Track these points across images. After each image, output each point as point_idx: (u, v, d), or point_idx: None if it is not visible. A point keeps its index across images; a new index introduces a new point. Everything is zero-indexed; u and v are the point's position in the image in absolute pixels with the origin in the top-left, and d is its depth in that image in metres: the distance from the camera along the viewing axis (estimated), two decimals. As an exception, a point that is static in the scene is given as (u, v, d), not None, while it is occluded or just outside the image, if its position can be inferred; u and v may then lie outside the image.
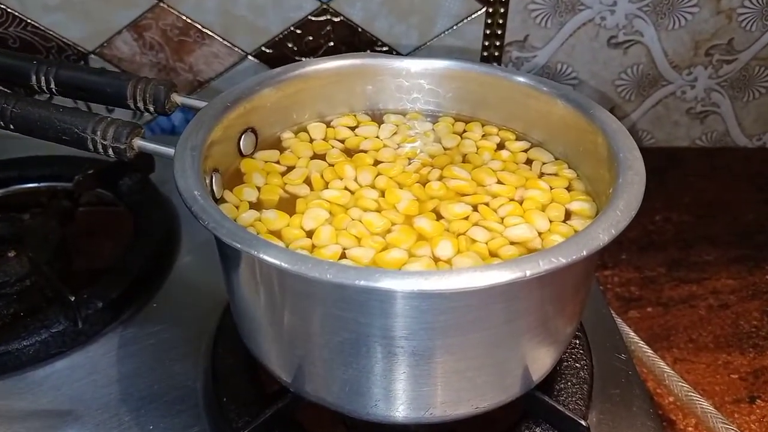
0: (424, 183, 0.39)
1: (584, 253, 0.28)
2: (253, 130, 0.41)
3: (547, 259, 0.27)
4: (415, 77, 0.44)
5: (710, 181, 0.69)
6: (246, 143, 0.40)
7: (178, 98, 0.39)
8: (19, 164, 0.56)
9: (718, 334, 0.53)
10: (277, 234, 0.35)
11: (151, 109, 0.38)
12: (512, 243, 0.35)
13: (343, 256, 0.34)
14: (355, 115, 0.45)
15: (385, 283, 0.28)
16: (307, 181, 0.39)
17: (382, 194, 0.38)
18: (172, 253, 0.50)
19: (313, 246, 0.35)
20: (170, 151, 0.34)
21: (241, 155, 0.40)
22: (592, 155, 0.38)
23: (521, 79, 0.41)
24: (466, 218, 0.36)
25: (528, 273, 0.27)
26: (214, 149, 0.37)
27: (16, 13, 0.63)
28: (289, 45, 0.66)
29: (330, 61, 0.42)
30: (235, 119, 0.39)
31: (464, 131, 0.44)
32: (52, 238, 0.48)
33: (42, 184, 0.55)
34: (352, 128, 0.44)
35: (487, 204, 0.37)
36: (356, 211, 0.37)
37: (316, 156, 0.41)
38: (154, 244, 0.49)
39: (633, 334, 0.49)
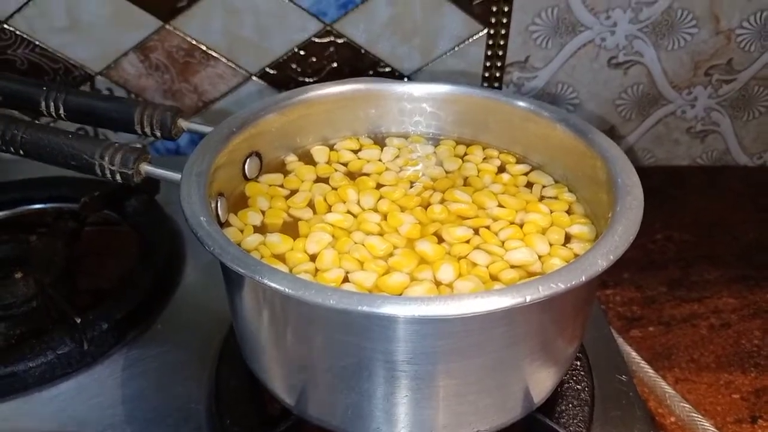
0: (425, 206, 0.40)
1: (583, 278, 0.28)
2: (258, 154, 0.41)
3: (547, 284, 0.28)
4: (418, 101, 0.45)
5: (711, 200, 0.69)
6: (251, 167, 0.41)
7: (184, 123, 0.40)
8: (26, 186, 0.57)
9: (719, 354, 0.53)
10: (281, 258, 0.36)
11: (158, 134, 0.39)
12: (513, 267, 0.35)
13: (345, 279, 0.34)
14: (358, 139, 0.46)
15: (387, 309, 0.28)
16: (311, 205, 0.40)
17: (385, 217, 0.39)
18: (176, 274, 0.50)
19: (317, 270, 0.35)
20: (176, 176, 0.35)
21: (246, 179, 0.41)
22: (592, 179, 0.38)
23: (521, 103, 0.42)
24: (467, 242, 0.37)
25: (528, 299, 0.27)
26: (220, 173, 0.37)
27: (25, 36, 0.64)
28: (293, 66, 0.67)
29: (333, 86, 0.43)
30: (240, 144, 0.39)
31: (465, 154, 0.45)
32: (58, 259, 0.49)
33: (48, 205, 0.56)
34: (355, 151, 0.45)
35: (488, 227, 0.38)
36: (359, 234, 0.37)
37: (319, 179, 0.42)
38: (159, 264, 0.50)
39: (635, 354, 0.49)
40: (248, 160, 0.41)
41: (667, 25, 0.65)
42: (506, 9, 0.65)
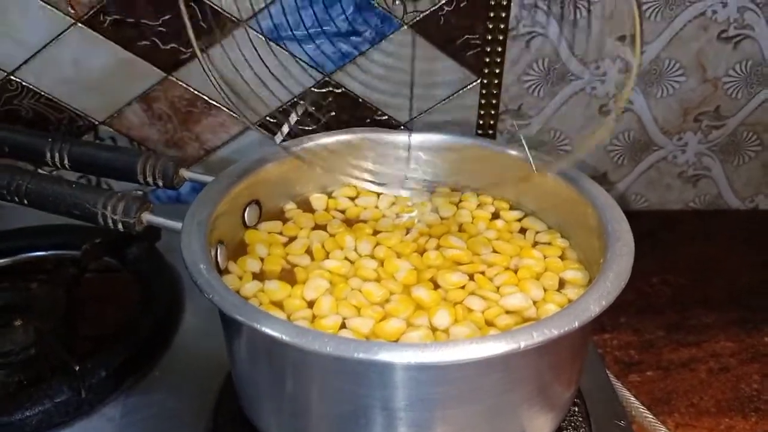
0: (421, 252, 0.40)
1: (576, 324, 0.29)
2: (257, 203, 0.42)
3: (541, 330, 0.28)
4: (413, 149, 0.46)
5: (705, 244, 0.70)
6: (250, 215, 0.41)
7: (185, 173, 0.41)
8: (27, 233, 0.57)
9: (719, 398, 0.53)
10: (279, 304, 0.36)
11: (160, 183, 0.40)
12: (508, 312, 0.36)
13: (343, 326, 0.35)
14: (355, 186, 0.47)
15: (383, 356, 0.28)
16: (309, 252, 0.41)
17: (381, 264, 0.39)
18: (175, 321, 0.51)
19: (314, 316, 0.35)
20: (177, 225, 0.36)
21: (246, 227, 0.42)
22: (583, 225, 0.39)
23: (514, 152, 0.43)
24: (463, 287, 0.37)
25: (522, 345, 0.28)
26: (220, 222, 0.38)
27: (31, 86, 0.65)
28: (292, 115, 0.68)
29: (331, 136, 0.44)
30: (241, 192, 0.40)
31: (460, 201, 0.46)
32: (58, 306, 0.49)
33: (49, 253, 0.56)
34: (353, 198, 0.46)
35: (482, 273, 0.38)
36: (356, 280, 0.38)
37: (317, 227, 0.43)
38: (158, 312, 0.50)
39: (633, 398, 0.49)
40: (248, 208, 0.41)
41: (655, 74, 0.67)
42: (498, 60, 0.67)
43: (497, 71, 0.67)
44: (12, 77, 0.65)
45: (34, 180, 0.38)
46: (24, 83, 0.65)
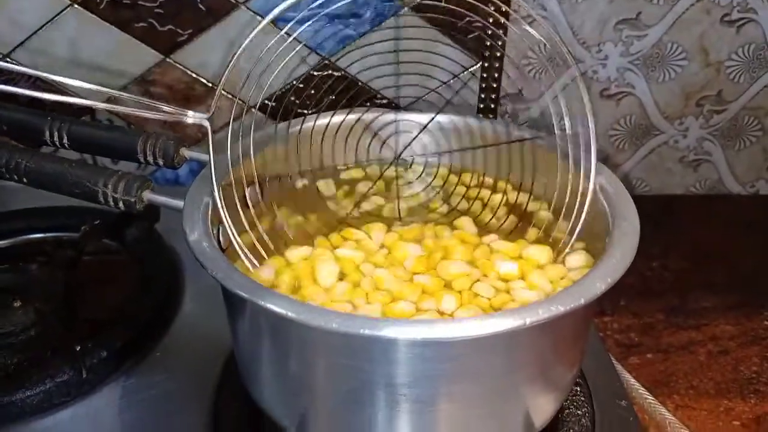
0: (421, 239, 0.40)
1: (582, 301, 0.29)
2: (259, 183, 0.42)
3: (546, 307, 0.28)
4: (416, 130, 0.46)
5: (706, 228, 0.70)
6: (252, 195, 0.41)
7: (186, 152, 0.40)
8: (26, 215, 0.57)
9: (718, 381, 0.53)
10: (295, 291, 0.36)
11: (161, 162, 0.40)
12: (515, 300, 0.35)
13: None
14: (361, 168, 0.46)
15: (389, 332, 0.28)
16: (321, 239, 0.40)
17: (389, 251, 0.39)
18: (176, 303, 0.50)
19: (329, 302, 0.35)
20: (179, 203, 0.35)
21: (247, 206, 0.41)
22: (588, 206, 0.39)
23: (517, 132, 0.43)
24: (467, 275, 0.37)
25: (528, 321, 0.28)
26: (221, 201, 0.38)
27: (26, 70, 0.65)
28: (292, 98, 0.68)
29: (333, 116, 0.44)
30: (242, 172, 0.40)
31: (459, 182, 0.45)
32: (57, 288, 0.49)
33: (48, 235, 0.56)
34: (358, 180, 0.45)
35: (488, 260, 0.38)
36: (367, 266, 0.37)
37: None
38: (158, 293, 0.50)
39: (634, 380, 0.49)
40: (249, 188, 0.41)
41: (657, 58, 0.67)
42: (500, 43, 0.67)
43: (498, 54, 0.67)
44: (8, 59, 0.64)
45: (33, 158, 0.37)
46: (20, 65, 0.64)
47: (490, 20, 0.66)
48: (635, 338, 0.57)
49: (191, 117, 0.35)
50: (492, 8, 0.65)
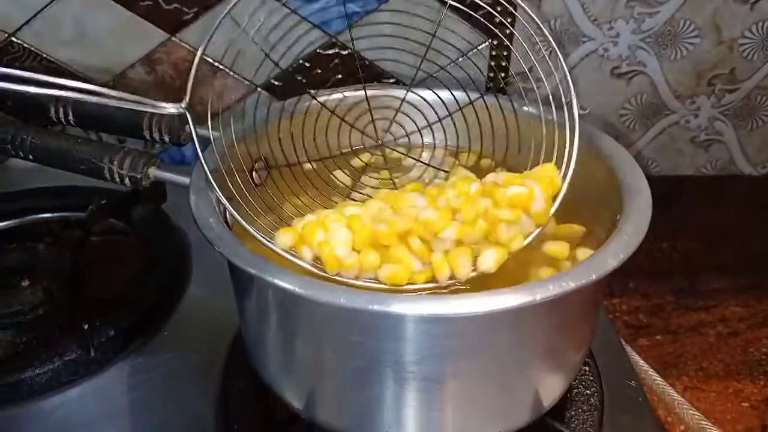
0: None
1: (593, 277, 0.28)
2: (265, 160, 0.41)
3: (557, 283, 0.28)
4: (423, 107, 0.45)
5: (716, 209, 0.69)
6: (259, 172, 0.41)
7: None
8: (33, 195, 0.57)
9: (728, 362, 0.53)
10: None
11: (166, 139, 0.39)
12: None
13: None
14: (366, 149, 0.46)
15: (397, 308, 0.28)
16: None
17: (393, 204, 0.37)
18: (183, 282, 0.50)
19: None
20: (185, 180, 0.35)
21: (254, 185, 0.41)
22: (599, 182, 0.38)
23: (527, 108, 0.42)
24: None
25: (538, 297, 0.27)
26: (228, 179, 0.37)
27: (32, 48, 0.64)
28: (299, 77, 0.67)
29: (339, 92, 0.43)
30: (248, 149, 0.40)
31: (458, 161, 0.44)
32: (65, 267, 0.49)
33: (55, 214, 0.56)
34: (366, 164, 0.45)
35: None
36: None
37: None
38: (165, 272, 0.50)
39: (642, 362, 0.49)
40: (256, 166, 0.41)
41: (669, 35, 0.66)
42: (509, 20, 0.65)
43: (508, 32, 0.66)
44: (13, 39, 0.64)
45: (39, 135, 0.37)
46: (25, 45, 0.64)
47: (500, -3, 0.65)
48: (644, 320, 0.57)
49: (167, 107, 0.35)
50: (501, -15, 0.64)
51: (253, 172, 0.41)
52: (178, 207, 0.55)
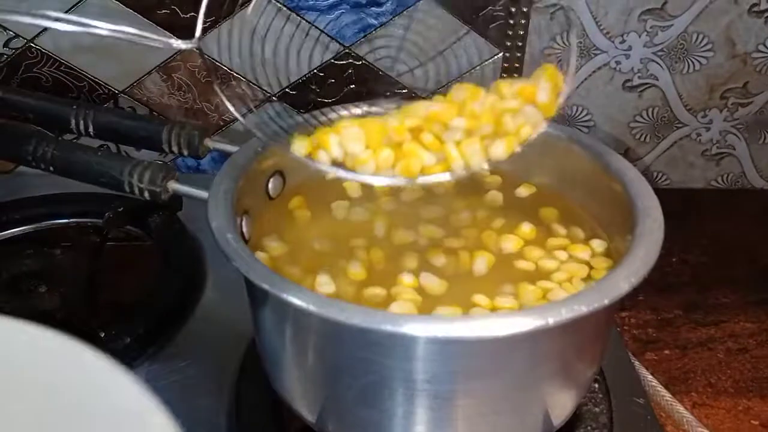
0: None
1: (606, 302, 0.29)
2: (281, 174, 0.42)
3: (570, 307, 0.28)
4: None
5: (727, 223, 0.69)
6: (274, 186, 0.41)
7: (210, 143, 0.41)
8: (50, 201, 0.58)
9: (737, 379, 0.53)
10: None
11: (185, 152, 0.40)
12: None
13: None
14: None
15: (410, 329, 0.28)
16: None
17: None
18: (198, 290, 0.51)
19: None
20: (204, 194, 0.36)
21: (270, 198, 0.41)
22: (608, 201, 0.39)
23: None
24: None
25: (551, 321, 0.28)
26: (245, 192, 0.38)
27: (50, 54, 0.65)
28: (312, 87, 0.68)
29: (355, 107, 0.44)
30: (264, 163, 0.40)
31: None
32: (81, 273, 0.50)
33: (72, 220, 0.57)
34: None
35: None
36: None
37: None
38: (180, 280, 0.50)
39: (651, 377, 0.49)
40: (272, 179, 0.41)
41: (682, 48, 0.66)
42: (522, 32, 0.66)
43: (520, 44, 0.66)
44: (32, 44, 0.65)
45: (59, 147, 0.38)
46: (44, 51, 0.65)
47: (513, 9, 0.65)
48: (653, 334, 0.57)
49: (178, 43, 0.35)
50: (515, -3, 0.65)
51: (269, 185, 0.42)
52: (193, 214, 0.56)
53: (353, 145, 0.34)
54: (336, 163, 0.35)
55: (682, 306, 0.59)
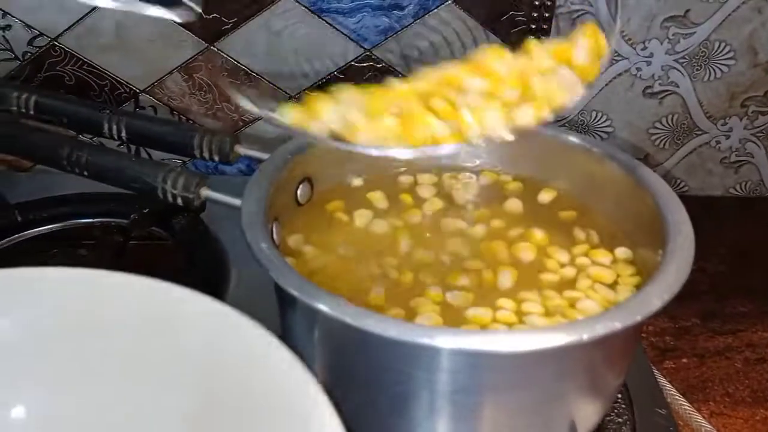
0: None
1: (639, 318, 0.29)
2: (309, 180, 0.42)
3: (604, 323, 0.28)
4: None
5: (745, 231, 0.69)
6: (303, 192, 0.42)
7: (241, 150, 0.41)
8: (74, 200, 0.58)
9: (755, 389, 0.53)
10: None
11: (216, 158, 0.41)
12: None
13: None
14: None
15: (441, 341, 0.29)
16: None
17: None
18: (221, 291, 0.51)
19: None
20: (236, 202, 0.36)
21: (298, 204, 0.42)
22: (635, 213, 0.39)
23: (572, 138, 0.43)
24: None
25: (585, 337, 0.28)
26: (275, 199, 0.38)
27: (73, 52, 0.66)
28: (333, 89, 0.68)
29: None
30: (294, 170, 0.41)
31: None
32: (106, 273, 0.50)
33: (96, 220, 0.57)
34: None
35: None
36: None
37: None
38: (204, 280, 0.51)
39: (669, 386, 0.50)
40: (301, 185, 0.42)
41: (704, 56, 0.66)
42: (542, 38, 0.66)
43: (541, 50, 0.66)
44: (55, 43, 0.65)
45: (93, 152, 0.38)
46: (67, 49, 0.65)
47: (535, 14, 0.65)
48: (671, 342, 0.57)
49: (176, 14, 0.34)
50: (537, 2, 0.65)
51: (298, 192, 0.42)
52: (217, 217, 0.56)
53: (351, 112, 0.30)
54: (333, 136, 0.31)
55: (699, 314, 0.59)
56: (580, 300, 0.34)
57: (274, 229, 0.38)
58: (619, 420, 0.41)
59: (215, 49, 0.66)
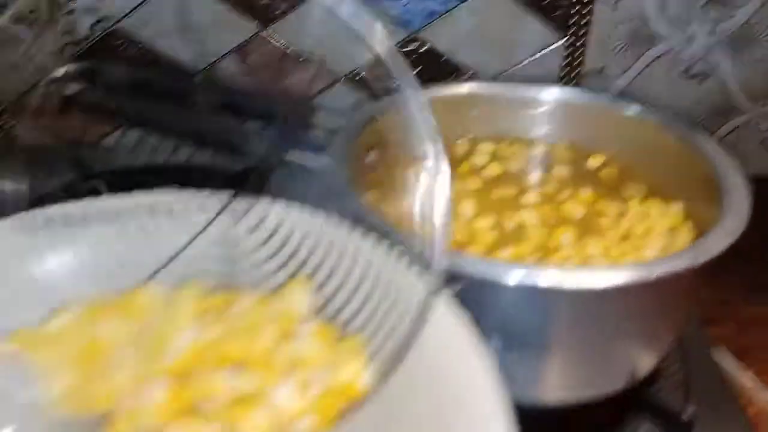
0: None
1: (702, 260, 0.31)
2: (375, 150, 0.45)
3: (670, 263, 0.31)
4: (532, 106, 0.48)
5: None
6: (370, 161, 0.44)
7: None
8: (149, 172, 0.60)
9: (797, 357, 0.54)
10: None
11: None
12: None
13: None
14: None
15: (511, 278, 0.31)
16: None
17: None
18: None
19: None
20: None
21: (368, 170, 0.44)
22: (694, 179, 0.41)
23: (631, 108, 0.45)
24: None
25: (654, 274, 0.30)
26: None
27: (133, 37, 0.69)
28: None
29: (448, 88, 0.46)
30: (364, 139, 0.43)
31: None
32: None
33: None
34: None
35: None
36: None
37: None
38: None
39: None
40: (368, 155, 0.44)
41: (744, 38, 0.67)
42: (585, 21, 0.68)
43: (583, 32, 0.68)
44: (115, 27, 0.68)
45: (179, 114, 0.41)
46: (127, 34, 0.68)
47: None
48: (714, 311, 0.58)
49: None
50: (579, -14, 0.66)
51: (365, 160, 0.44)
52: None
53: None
54: None
55: (740, 284, 0.60)
56: (642, 249, 0.37)
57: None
58: (673, 367, 0.42)
59: (267, 33, 0.68)
